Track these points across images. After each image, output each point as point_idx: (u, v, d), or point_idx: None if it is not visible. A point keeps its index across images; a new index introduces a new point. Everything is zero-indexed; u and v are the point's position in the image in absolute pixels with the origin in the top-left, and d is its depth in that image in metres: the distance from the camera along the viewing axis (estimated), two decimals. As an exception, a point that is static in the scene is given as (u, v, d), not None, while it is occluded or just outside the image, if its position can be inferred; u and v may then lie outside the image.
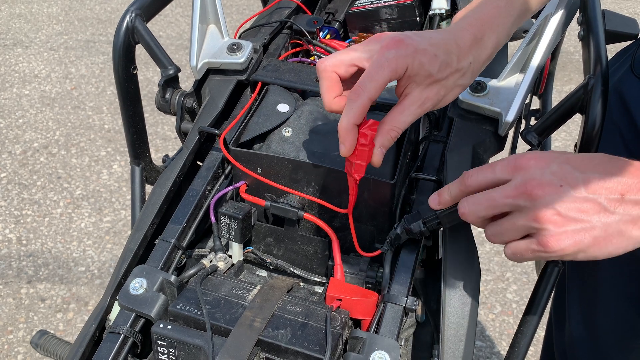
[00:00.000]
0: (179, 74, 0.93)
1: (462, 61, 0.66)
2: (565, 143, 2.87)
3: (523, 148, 0.77)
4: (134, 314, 0.68)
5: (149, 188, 0.97)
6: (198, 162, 0.89)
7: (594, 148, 0.72)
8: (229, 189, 0.79)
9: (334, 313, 0.65)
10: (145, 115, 0.98)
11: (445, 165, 0.79)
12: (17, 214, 2.48)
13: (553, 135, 0.93)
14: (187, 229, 0.77)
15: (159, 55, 0.90)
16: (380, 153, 0.64)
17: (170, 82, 0.93)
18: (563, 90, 3.22)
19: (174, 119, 0.95)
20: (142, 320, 0.69)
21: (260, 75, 0.90)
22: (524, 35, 0.87)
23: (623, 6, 4.12)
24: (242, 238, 0.75)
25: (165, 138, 2.91)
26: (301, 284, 0.78)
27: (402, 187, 0.78)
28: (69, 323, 2.05)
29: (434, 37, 0.65)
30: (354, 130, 0.63)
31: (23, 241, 2.35)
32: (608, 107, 0.74)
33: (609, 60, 0.81)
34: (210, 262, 0.73)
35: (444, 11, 1.07)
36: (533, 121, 0.96)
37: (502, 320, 2.08)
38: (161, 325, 0.63)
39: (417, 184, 0.79)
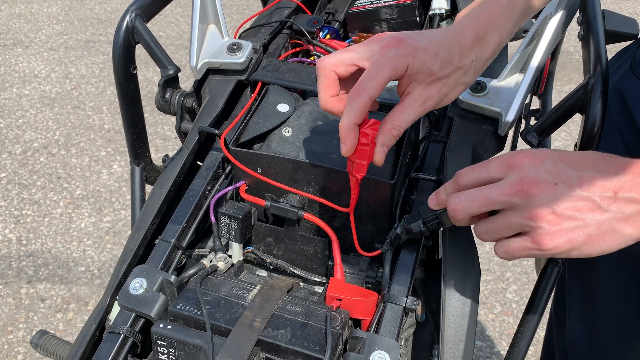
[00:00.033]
0: (179, 74, 0.93)
1: (464, 59, 0.66)
2: (565, 143, 2.87)
3: (523, 148, 0.77)
4: (134, 314, 0.68)
5: (149, 188, 0.97)
6: (198, 162, 0.89)
7: (594, 148, 0.72)
8: (229, 189, 0.79)
9: (334, 313, 0.65)
10: (145, 115, 0.98)
11: (445, 165, 0.79)
12: (17, 214, 2.48)
13: (553, 135, 0.93)
14: (187, 229, 0.77)
15: (159, 55, 0.90)
16: (382, 152, 0.64)
17: (170, 82, 0.93)
18: (563, 90, 3.22)
19: (174, 119, 0.95)
20: (142, 320, 0.69)
21: (260, 75, 0.90)
22: (523, 35, 0.87)
23: (623, 6, 4.12)
24: (242, 238, 0.75)
25: (165, 138, 2.91)
26: (301, 284, 0.78)
27: (402, 187, 0.78)
28: (69, 323, 2.05)
29: (435, 36, 0.65)
30: (354, 129, 0.63)
31: (23, 241, 2.35)
32: (608, 107, 0.74)
33: (609, 60, 0.81)
34: (210, 262, 0.73)
35: (443, 11, 1.07)
36: (533, 121, 0.96)
37: (502, 320, 2.08)
38: (161, 325, 0.63)
39: (417, 184, 0.79)
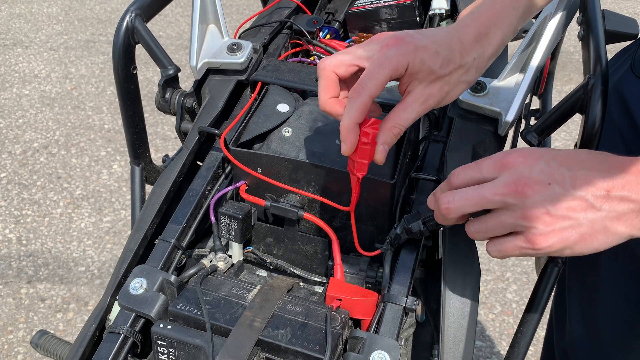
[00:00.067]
0: (179, 74, 0.93)
1: (466, 57, 0.65)
2: (565, 143, 2.87)
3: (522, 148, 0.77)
4: (134, 314, 0.68)
5: (149, 188, 0.97)
6: (198, 162, 0.89)
7: (593, 148, 0.72)
8: (229, 188, 0.79)
9: (334, 313, 0.65)
10: (145, 115, 0.98)
11: (445, 165, 0.79)
12: (17, 214, 2.48)
13: (553, 135, 0.93)
14: (187, 229, 0.77)
15: (158, 55, 0.90)
16: (383, 150, 0.64)
17: (170, 82, 0.93)
18: (563, 90, 3.22)
19: (174, 119, 0.95)
20: (142, 320, 0.69)
21: (260, 75, 0.90)
22: (523, 35, 0.87)
23: (623, 6, 4.12)
24: (242, 238, 0.75)
25: (165, 138, 2.91)
26: (301, 284, 0.78)
27: (402, 187, 0.78)
28: (69, 323, 2.05)
29: (435, 34, 0.65)
30: (355, 128, 0.62)
31: (23, 241, 2.35)
32: (608, 107, 0.74)
33: (609, 60, 0.81)
34: (210, 262, 0.73)
35: (443, 11, 1.07)
36: (533, 121, 0.96)
37: (502, 320, 2.08)
38: (161, 325, 0.63)
39: (417, 184, 0.79)
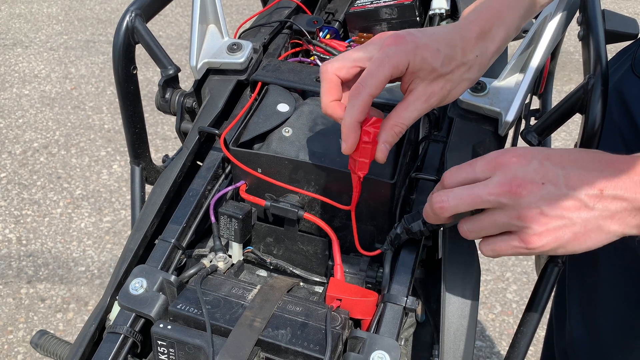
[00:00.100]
0: (179, 74, 0.93)
1: (468, 55, 0.65)
2: (565, 143, 2.87)
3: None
4: (134, 314, 0.68)
5: (149, 188, 0.97)
6: (198, 162, 0.89)
7: (594, 148, 0.72)
8: (229, 188, 0.79)
9: (334, 313, 0.65)
10: (145, 115, 0.98)
11: (445, 165, 0.79)
12: (17, 214, 2.48)
13: (553, 135, 0.93)
14: (187, 229, 0.77)
15: (158, 55, 0.90)
16: (385, 149, 0.64)
17: (170, 82, 0.93)
18: (563, 90, 3.22)
19: (174, 119, 0.95)
20: (142, 320, 0.69)
21: (260, 75, 0.90)
22: (523, 35, 0.87)
23: (623, 6, 4.12)
24: (242, 238, 0.75)
25: (165, 138, 2.91)
26: (301, 284, 0.78)
27: (402, 187, 0.78)
28: (69, 323, 2.05)
29: (437, 32, 0.64)
30: (356, 127, 0.62)
31: (23, 241, 2.35)
32: (608, 107, 0.74)
33: (609, 60, 0.81)
34: (210, 262, 0.73)
35: (443, 11, 1.07)
36: (533, 121, 0.96)
37: (502, 320, 2.08)
38: (161, 325, 0.63)
39: (417, 184, 0.79)
